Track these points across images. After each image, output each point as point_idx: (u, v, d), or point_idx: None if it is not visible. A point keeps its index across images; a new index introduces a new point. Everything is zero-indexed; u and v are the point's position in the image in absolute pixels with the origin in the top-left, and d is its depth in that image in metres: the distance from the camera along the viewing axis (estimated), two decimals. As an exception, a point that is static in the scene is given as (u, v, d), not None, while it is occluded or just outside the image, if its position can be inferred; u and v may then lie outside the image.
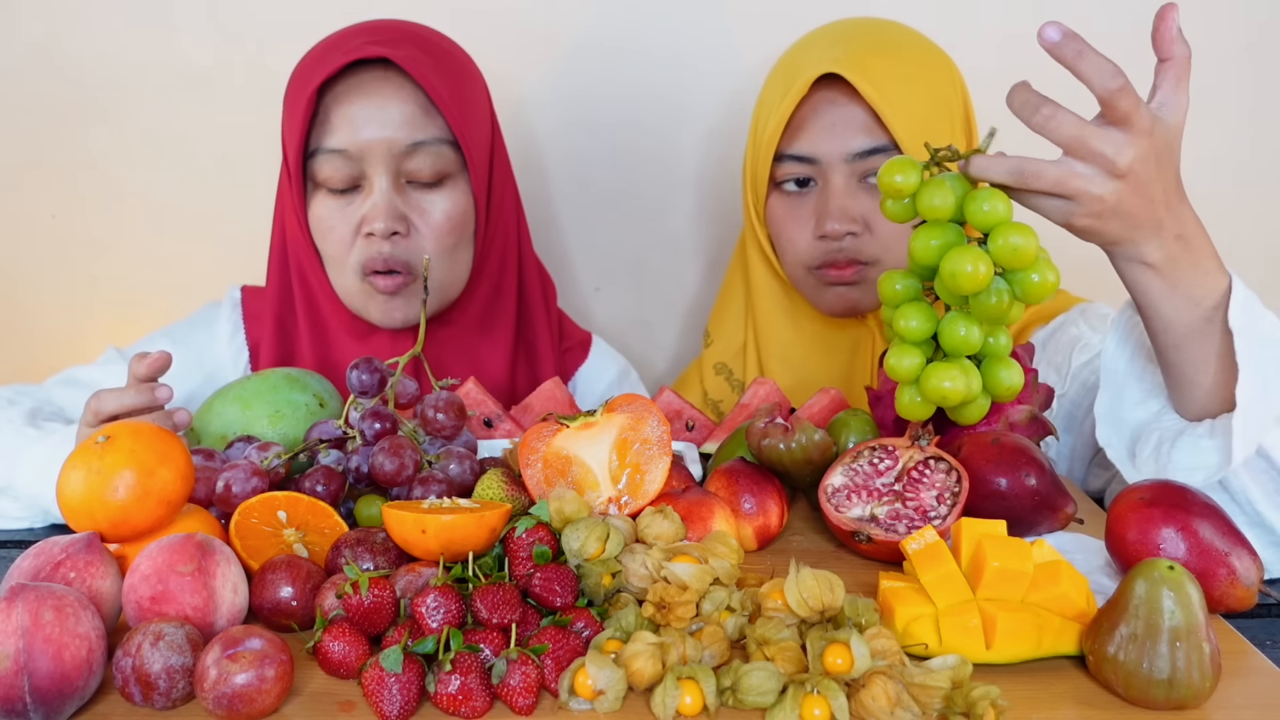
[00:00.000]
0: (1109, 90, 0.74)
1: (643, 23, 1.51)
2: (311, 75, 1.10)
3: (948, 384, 0.81)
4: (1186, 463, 0.84)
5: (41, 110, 1.53)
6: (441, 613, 0.69)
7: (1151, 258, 0.80)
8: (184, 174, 1.55)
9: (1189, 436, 0.85)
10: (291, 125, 1.11)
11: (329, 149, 1.10)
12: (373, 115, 1.09)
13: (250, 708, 0.63)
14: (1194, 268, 0.81)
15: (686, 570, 0.72)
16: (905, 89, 1.11)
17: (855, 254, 1.15)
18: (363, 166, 1.10)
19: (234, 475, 0.82)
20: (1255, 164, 1.52)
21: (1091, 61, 0.74)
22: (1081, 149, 0.75)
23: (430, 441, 0.92)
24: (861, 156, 1.13)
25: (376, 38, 1.11)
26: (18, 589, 0.64)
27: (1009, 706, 0.64)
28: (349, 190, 1.11)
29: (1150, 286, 0.82)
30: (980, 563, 0.72)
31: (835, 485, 0.88)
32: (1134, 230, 0.79)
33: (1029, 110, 0.75)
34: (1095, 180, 0.76)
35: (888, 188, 0.80)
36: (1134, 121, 0.75)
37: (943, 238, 0.79)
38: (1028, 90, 0.76)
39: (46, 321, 1.61)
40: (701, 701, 0.64)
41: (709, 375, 1.36)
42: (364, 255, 1.11)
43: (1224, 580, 0.75)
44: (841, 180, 1.14)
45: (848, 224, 1.13)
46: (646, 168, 1.56)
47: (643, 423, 0.85)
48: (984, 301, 0.79)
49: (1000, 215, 0.77)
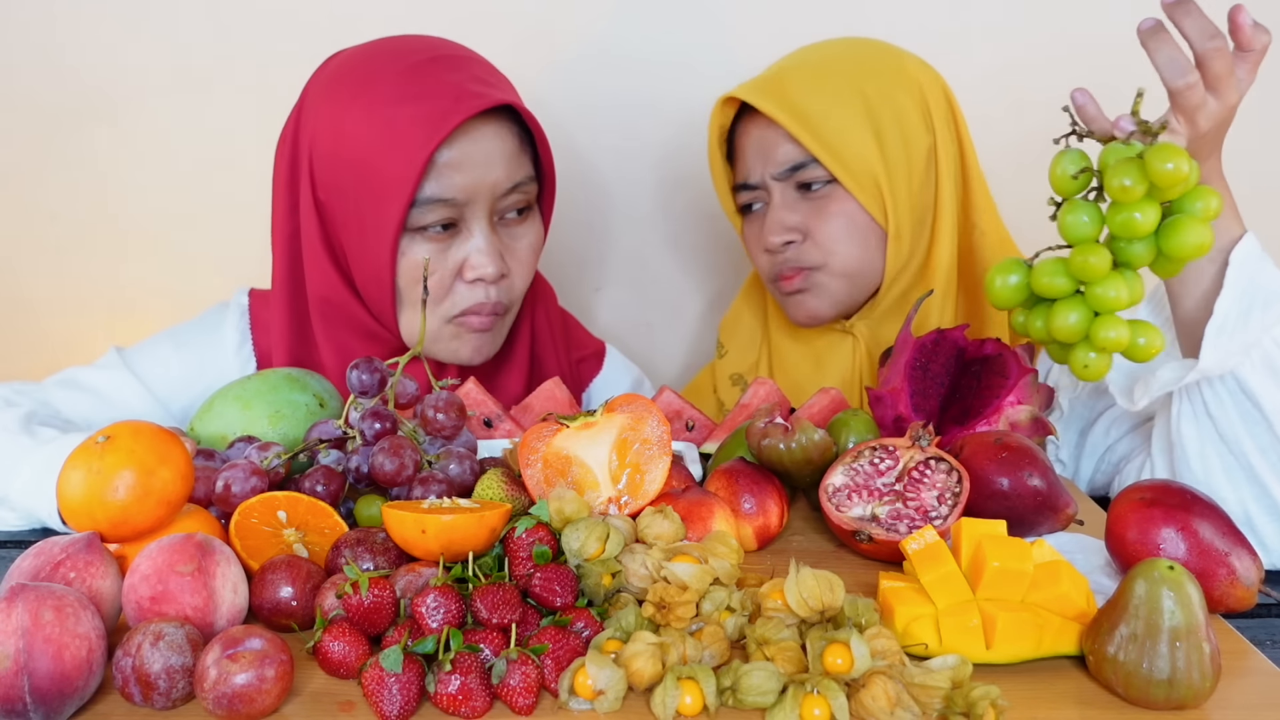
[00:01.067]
0: (1206, 49, 0.83)
1: (643, 23, 1.51)
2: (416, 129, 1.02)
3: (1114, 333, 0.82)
4: (1166, 376, 0.92)
5: (42, 110, 1.53)
6: (441, 613, 0.69)
7: None
8: (185, 174, 1.55)
9: (1174, 360, 0.94)
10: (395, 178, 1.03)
11: (435, 198, 1.04)
12: (479, 160, 1.05)
13: (250, 708, 0.63)
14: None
15: (686, 570, 0.72)
16: (816, 101, 1.15)
17: (798, 262, 1.19)
18: (462, 210, 1.07)
19: (234, 475, 0.82)
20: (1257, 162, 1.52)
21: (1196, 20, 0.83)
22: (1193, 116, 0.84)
23: (430, 441, 0.92)
24: (792, 171, 1.17)
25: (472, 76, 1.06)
26: (18, 589, 0.64)
27: (1009, 706, 0.64)
28: (442, 231, 1.07)
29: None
30: (980, 563, 0.72)
31: (836, 485, 0.88)
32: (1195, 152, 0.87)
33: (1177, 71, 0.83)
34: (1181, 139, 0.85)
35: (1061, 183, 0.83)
36: (1224, 88, 0.84)
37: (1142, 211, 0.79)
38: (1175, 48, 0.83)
39: (46, 321, 1.61)
40: (701, 701, 0.64)
41: (724, 385, 1.38)
42: (467, 301, 1.09)
43: (1224, 580, 0.75)
44: (779, 195, 1.19)
45: (784, 234, 1.18)
46: (647, 168, 1.56)
47: (643, 423, 0.85)
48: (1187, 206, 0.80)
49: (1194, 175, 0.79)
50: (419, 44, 1.10)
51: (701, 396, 1.40)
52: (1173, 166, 0.77)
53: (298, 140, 1.10)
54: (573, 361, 1.30)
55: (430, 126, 1.02)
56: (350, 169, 1.05)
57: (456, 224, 1.08)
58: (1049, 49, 1.50)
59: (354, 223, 1.07)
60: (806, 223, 1.17)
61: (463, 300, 1.09)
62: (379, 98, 1.04)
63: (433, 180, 1.04)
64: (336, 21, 1.49)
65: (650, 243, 1.60)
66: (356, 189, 1.06)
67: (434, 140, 1.02)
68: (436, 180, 1.04)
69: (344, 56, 1.11)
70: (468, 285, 1.09)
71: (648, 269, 1.61)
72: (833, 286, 1.19)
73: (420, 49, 1.09)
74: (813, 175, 1.16)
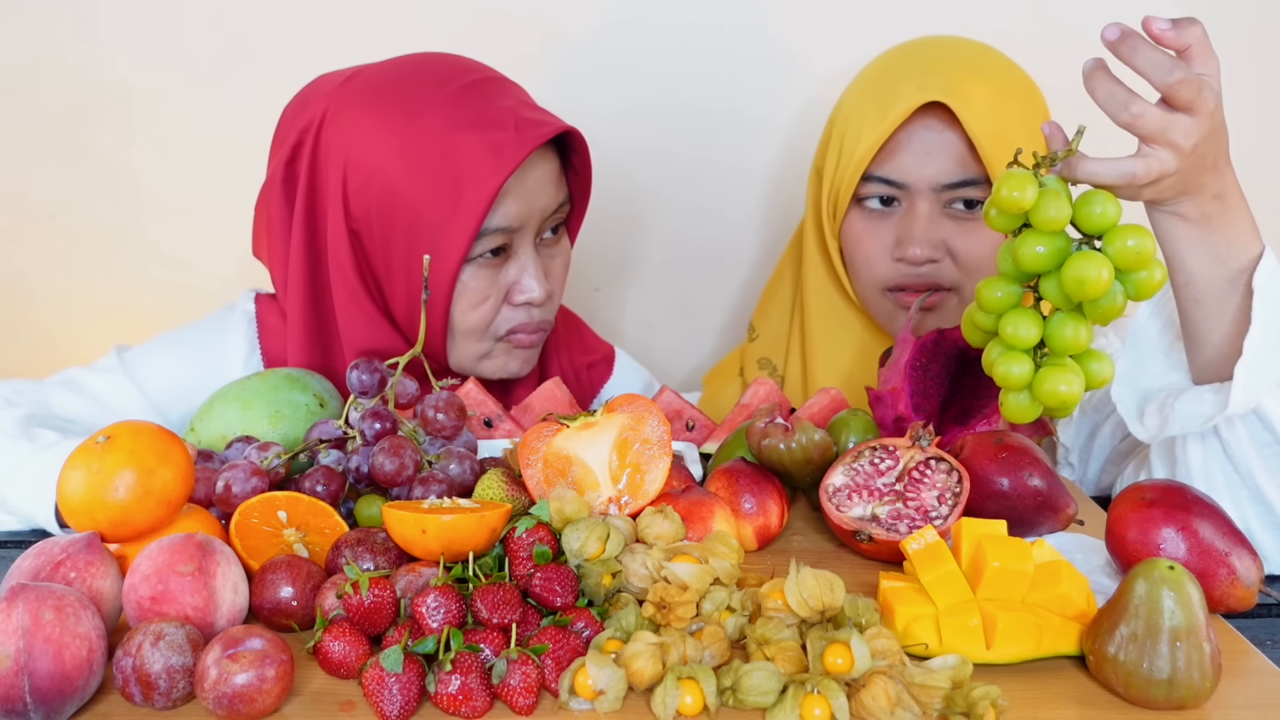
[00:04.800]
0: (1168, 83, 0.78)
1: (644, 23, 1.50)
2: (484, 160, 1.01)
3: (1064, 388, 0.81)
4: (1187, 411, 0.87)
5: (43, 110, 1.53)
6: (442, 613, 0.69)
7: (1187, 212, 0.84)
8: (185, 173, 1.55)
9: (1194, 391, 0.88)
10: (461, 208, 1.01)
11: (495, 227, 1.04)
12: (532, 187, 1.05)
13: (250, 708, 0.63)
14: (1226, 227, 0.84)
15: (686, 570, 0.72)
16: (1002, 121, 1.10)
17: (934, 279, 1.14)
18: (512, 236, 1.07)
19: (234, 475, 0.82)
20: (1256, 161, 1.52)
21: (1147, 57, 0.78)
22: (1160, 139, 0.79)
23: (430, 441, 0.92)
24: (952, 187, 1.12)
25: (519, 101, 1.06)
26: (18, 589, 0.64)
27: (1009, 706, 0.64)
28: (493, 257, 1.07)
29: (1180, 238, 0.85)
30: (980, 563, 0.72)
31: (836, 485, 0.88)
32: (1180, 193, 0.83)
33: (1117, 106, 0.78)
34: (1169, 162, 0.80)
35: (1006, 203, 0.79)
36: (1198, 106, 0.79)
37: (1050, 244, 0.79)
38: (1113, 83, 0.79)
39: (46, 321, 1.61)
40: (702, 701, 0.64)
41: (751, 368, 1.35)
42: (514, 322, 1.10)
43: (1224, 580, 0.75)
44: (927, 207, 1.12)
45: (930, 250, 1.12)
46: (647, 166, 1.56)
47: (643, 423, 0.85)
48: (1101, 304, 0.79)
49: (1112, 218, 0.78)
50: (451, 64, 1.08)
51: (727, 379, 1.38)
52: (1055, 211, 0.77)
53: (319, 165, 1.07)
54: (582, 366, 1.29)
55: (499, 156, 1.01)
56: (398, 198, 1.03)
57: (505, 249, 1.08)
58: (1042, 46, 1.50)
59: (399, 252, 1.05)
60: (951, 241, 1.13)
61: (510, 321, 1.10)
62: (432, 125, 1.02)
63: (495, 210, 1.03)
64: (338, 22, 1.49)
65: (650, 242, 1.60)
66: (408, 218, 1.03)
67: (504, 171, 1.01)
68: (495, 209, 1.03)
69: (369, 78, 1.07)
70: (513, 308, 1.10)
71: (647, 268, 1.61)
72: (955, 311, 1.16)
73: (457, 70, 1.07)
74: (974, 195, 1.11)
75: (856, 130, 1.15)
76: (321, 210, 1.08)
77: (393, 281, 1.07)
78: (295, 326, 1.11)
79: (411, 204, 1.03)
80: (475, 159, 1.01)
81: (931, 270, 1.13)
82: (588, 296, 1.62)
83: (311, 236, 1.09)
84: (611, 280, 1.62)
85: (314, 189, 1.08)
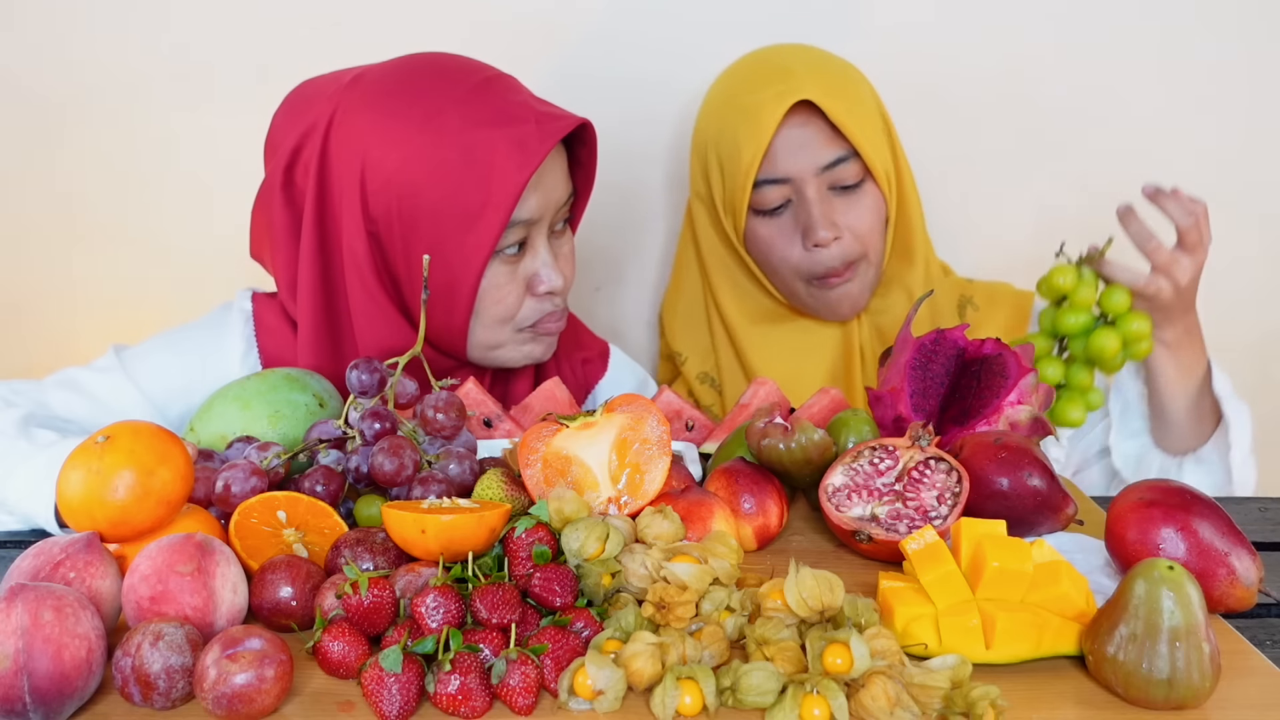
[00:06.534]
0: (1186, 225, 1.10)
1: (644, 23, 1.50)
2: (511, 155, 1.02)
3: (1074, 414, 1.14)
4: (1194, 480, 1.17)
5: (42, 109, 1.53)
6: (441, 613, 0.69)
7: (1168, 338, 1.16)
8: (184, 173, 1.55)
9: (1191, 463, 1.20)
10: (488, 203, 1.03)
11: (519, 220, 1.06)
12: (548, 180, 1.08)
13: (250, 708, 0.63)
14: (1191, 349, 1.17)
15: (686, 570, 0.72)
16: (849, 100, 1.23)
17: (843, 257, 1.24)
18: (531, 229, 1.09)
19: (234, 475, 0.82)
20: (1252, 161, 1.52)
21: (1176, 204, 1.11)
22: (1166, 269, 1.11)
23: (430, 441, 0.92)
24: (829, 167, 1.22)
25: (530, 96, 1.08)
26: (17, 589, 0.64)
27: (1009, 706, 0.64)
28: (517, 251, 1.09)
29: (1163, 357, 1.17)
30: (980, 563, 0.72)
31: (836, 485, 0.88)
32: (1166, 317, 1.14)
33: (1143, 239, 1.11)
34: (1166, 289, 1.11)
35: (1055, 284, 1.11)
36: (1198, 250, 1.11)
37: (1080, 316, 1.11)
38: (1140, 222, 1.11)
39: (45, 321, 1.61)
40: (701, 701, 0.64)
41: (696, 386, 1.41)
42: (537, 313, 1.12)
43: (1224, 580, 0.75)
44: (814, 191, 1.22)
45: (833, 230, 1.23)
46: (647, 166, 1.56)
47: (642, 423, 0.85)
48: (1111, 362, 1.12)
49: (1125, 305, 1.11)
50: (458, 64, 1.09)
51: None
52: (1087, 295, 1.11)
53: (329, 168, 1.06)
54: (577, 362, 1.30)
55: (525, 150, 1.03)
56: (421, 197, 1.03)
57: (524, 242, 1.09)
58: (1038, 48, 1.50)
59: (422, 251, 1.05)
60: (843, 218, 1.24)
61: (532, 312, 1.12)
62: (451, 124, 1.03)
63: (521, 203, 1.05)
64: (338, 22, 1.49)
65: (649, 241, 1.60)
66: (432, 217, 1.04)
67: (532, 164, 1.02)
68: (521, 203, 1.05)
69: (377, 79, 1.07)
70: (537, 299, 1.12)
71: (647, 267, 1.61)
72: (869, 275, 1.28)
73: (466, 69, 1.08)
74: (849, 171, 1.22)
75: (732, 148, 1.25)
76: (334, 213, 1.07)
77: (414, 281, 1.08)
78: (306, 329, 1.11)
79: (435, 202, 1.03)
80: (501, 154, 1.02)
81: (840, 249, 1.24)
82: (588, 296, 1.62)
83: (323, 240, 1.09)
84: (611, 280, 1.62)
85: (324, 192, 1.07)
